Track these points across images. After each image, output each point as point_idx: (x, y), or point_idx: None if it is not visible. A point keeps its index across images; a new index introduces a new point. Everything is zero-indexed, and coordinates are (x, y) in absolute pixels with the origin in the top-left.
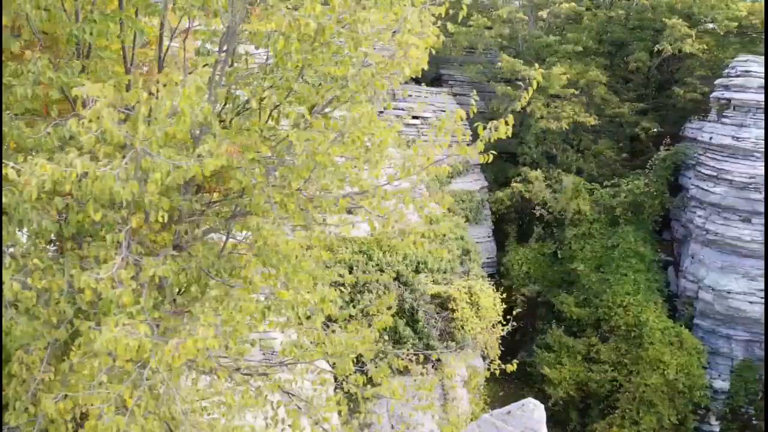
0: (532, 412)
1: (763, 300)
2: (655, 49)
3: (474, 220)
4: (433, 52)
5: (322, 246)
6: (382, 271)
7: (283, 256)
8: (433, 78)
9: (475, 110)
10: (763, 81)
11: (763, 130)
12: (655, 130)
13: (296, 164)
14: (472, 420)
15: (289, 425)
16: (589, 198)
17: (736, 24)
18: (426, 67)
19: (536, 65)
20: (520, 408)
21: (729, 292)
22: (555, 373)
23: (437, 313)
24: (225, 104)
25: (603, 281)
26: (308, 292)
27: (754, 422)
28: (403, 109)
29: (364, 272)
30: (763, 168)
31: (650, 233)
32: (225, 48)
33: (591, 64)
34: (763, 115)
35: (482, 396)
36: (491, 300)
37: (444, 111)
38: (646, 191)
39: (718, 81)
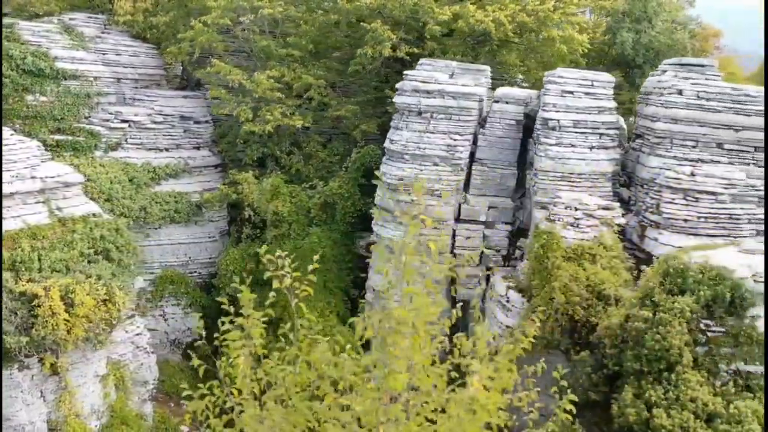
0: None
1: None
2: (358, 53)
3: (187, 220)
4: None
5: None
6: None
7: None
8: (196, 82)
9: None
10: (417, 84)
11: (412, 133)
12: (377, 132)
13: None
14: (114, 417)
15: None
16: (290, 199)
17: (438, 28)
18: None
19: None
20: None
21: (383, 293)
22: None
23: (21, 310)
24: None
25: None
26: None
27: None
28: (111, 113)
29: None
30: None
31: (343, 234)
32: None
33: (316, 66)
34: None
35: (129, 391)
36: (94, 299)
37: (167, 115)
38: (339, 193)
39: None
